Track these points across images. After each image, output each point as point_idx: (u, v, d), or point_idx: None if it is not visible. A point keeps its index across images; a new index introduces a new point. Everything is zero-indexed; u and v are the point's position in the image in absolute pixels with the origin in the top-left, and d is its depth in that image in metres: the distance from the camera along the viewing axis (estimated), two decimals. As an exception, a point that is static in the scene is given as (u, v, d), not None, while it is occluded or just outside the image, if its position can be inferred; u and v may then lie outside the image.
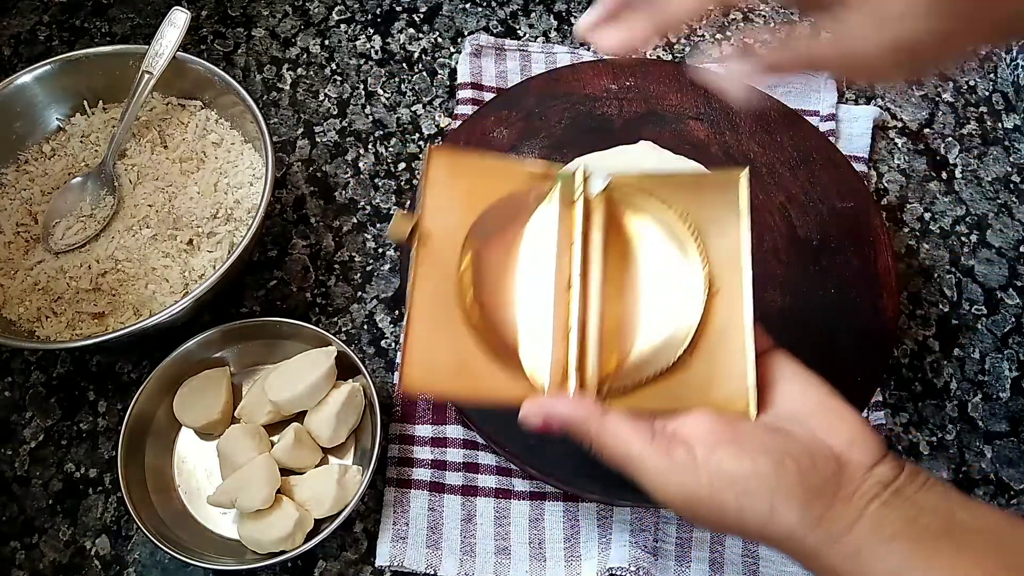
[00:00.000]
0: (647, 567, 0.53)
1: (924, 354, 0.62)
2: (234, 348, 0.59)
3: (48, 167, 0.65)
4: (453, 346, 0.41)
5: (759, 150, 0.64)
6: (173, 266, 0.60)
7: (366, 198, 0.68)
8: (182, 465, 0.57)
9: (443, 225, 0.43)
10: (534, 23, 0.76)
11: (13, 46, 0.75)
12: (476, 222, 0.44)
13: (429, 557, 0.55)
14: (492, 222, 0.44)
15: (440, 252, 0.43)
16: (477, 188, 0.44)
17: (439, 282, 0.42)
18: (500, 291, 0.44)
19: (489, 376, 0.41)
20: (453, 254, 0.43)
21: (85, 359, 0.62)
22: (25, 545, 0.56)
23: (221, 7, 0.77)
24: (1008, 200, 0.68)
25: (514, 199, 0.45)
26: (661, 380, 0.41)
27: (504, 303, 0.43)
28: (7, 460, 0.59)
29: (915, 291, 0.65)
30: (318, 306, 0.64)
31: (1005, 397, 0.61)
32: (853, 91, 0.73)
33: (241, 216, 0.62)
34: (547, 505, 0.56)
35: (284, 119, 0.72)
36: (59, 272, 0.60)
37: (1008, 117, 0.72)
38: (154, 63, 0.63)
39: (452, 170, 0.44)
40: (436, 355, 0.41)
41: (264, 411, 0.56)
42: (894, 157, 0.70)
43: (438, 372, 0.41)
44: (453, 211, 0.44)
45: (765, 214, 0.61)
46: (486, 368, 0.41)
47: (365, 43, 0.75)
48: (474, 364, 0.41)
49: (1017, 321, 0.64)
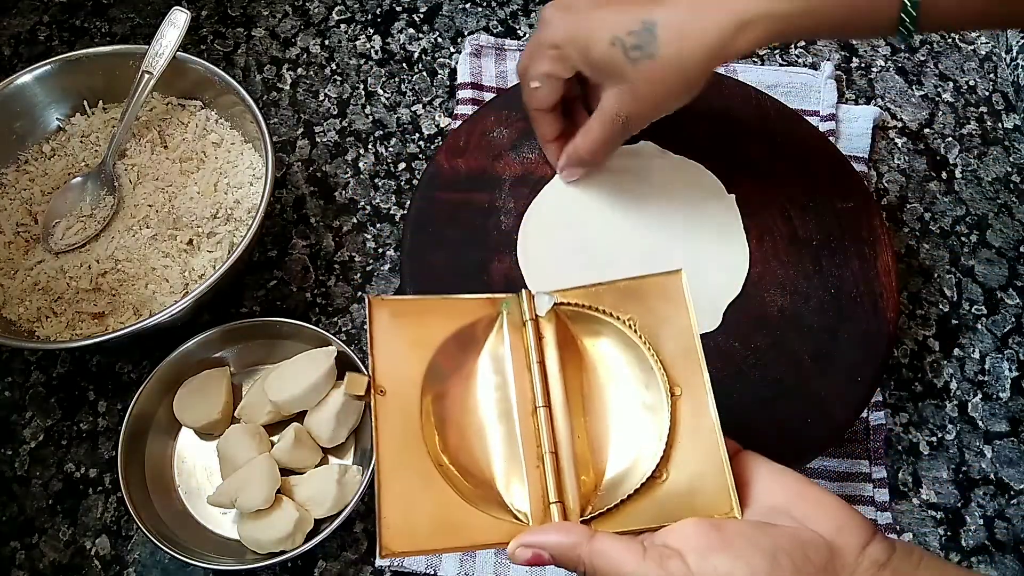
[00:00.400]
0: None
1: (924, 354, 0.62)
2: (234, 348, 0.59)
3: (48, 167, 0.65)
4: (428, 499, 0.40)
5: (759, 150, 0.63)
6: (173, 266, 0.60)
7: (366, 198, 0.68)
8: (182, 465, 0.57)
9: (397, 376, 0.42)
10: (534, 23, 0.76)
11: (13, 46, 0.75)
12: (429, 366, 0.43)
13: (429, 557, 0.55)
14: (445, 363, 0.44)
15: (399, 404, 0.42)
16: (423, 331, 0.44)
17: (403, 435, 0.41)
18: (466, 430, 0.43)
19: (470, 523, 0.40)
20: (413, 403, 0.42)
21: (85, 359, 0.62)
22: (25, 545, 0.56)
23: (221, 7, 0.77)
24: (1008, 200, 0.68)
25: (462, 334, 0.44)
26: (641, 495, 0.41)
27: (472, 442, 0.43)
28: (7, 460, 0.59)
29: (915, 291, 0.65)
30: (318, 306, 0.64)
31: (1005, 397, 0.61)
32: (853, 91, 0.73)
33: (241, 216, 0.62)
34: (547, 505, 0.56)
35: (284, 119, 0.72)
36: (59, 272, 0.60)
37: (1008, 117, 0.72)
38: (154, 63, 0.63)
39: (394, 319, 0.43)
40: (412, 513, 0.39)
41: (264, 411, 0.56)
42: (894, 157, 0.70)
43: (417, 530, 0.39)
44: (404, 359, 0.43)
45: (765, 214, 0.61)
46: (466, 515, 0.40)
47: (365, 43, 0.76)
48: (453, 514, 0.40)
49: (1017, 321, 0.64)
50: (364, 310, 0.63)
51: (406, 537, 0.39)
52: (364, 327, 0.63)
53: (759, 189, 0.62)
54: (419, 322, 0.44)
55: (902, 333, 0.63)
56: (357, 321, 0.63)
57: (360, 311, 0.63)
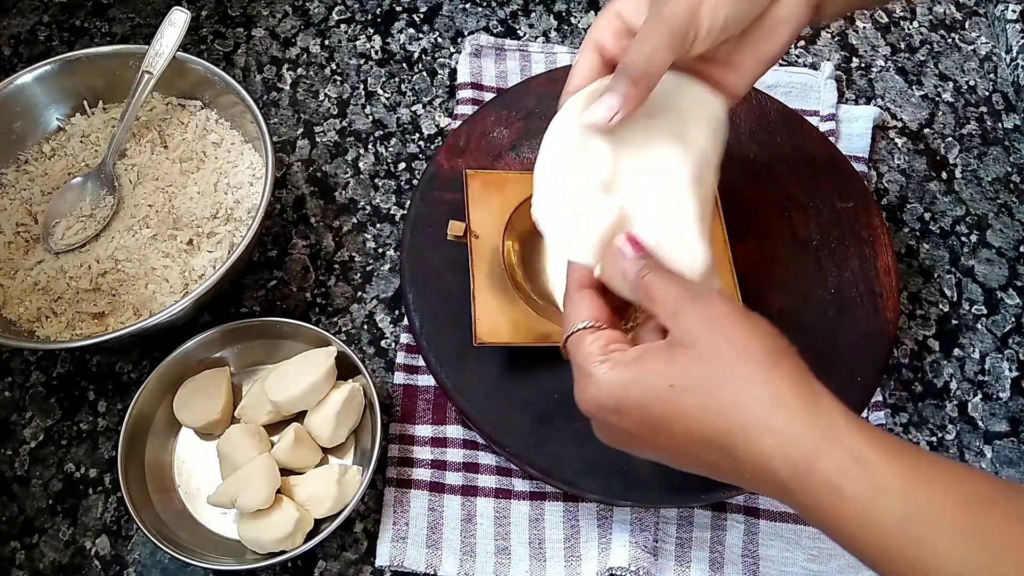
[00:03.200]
0: (647, 567, 0.53)
1: (924, 354, 0.62)
2: (234, 348, 0.59)
3: (48, 167, 0.65)
4: (510, 311, 0.54)
5: (759, 150, 0.64)
6: (173, 266, 0.60)
7: (366, 198, 0.68)
8: (182, 465, 0.57)
9: (486, 225, 0.57)
10: (534, 23, 0.76)
11: (13, 46, 0.75)
12: (509, 220, 0.57)
13: (429, 557, 0.55)
14: (519, 219, 0.57)
15: (488, 245, 0.56)
16: (505, 195, 0.58)
17: (491, 266, 0.55)
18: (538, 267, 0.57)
19: (541, 328, 0.53)
20: (498, 245, 0.56)
21: (85, 359, 0.62)
22: (25, 545, 0.56)
23: (221, 7, 0.77)
24: (1008, 200, 0.68)
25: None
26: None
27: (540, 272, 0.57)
28: (7, 460, 0.59)
29: (915, 291, 0.65)
30: (318, 306, 0.64)
31: (1005, 397, 0.61)
32: (853, 91, 0.73)
33: (241, 216, 0.62)
34: (547, 505, 0.56)
35: (284, 119, 0.72)
36: (59, 272, 0.60)
37: (1008, 117, 0.72)
38: (154, 63, 0.63)
39: (483, 186, 0.58)
40: (498, 319, 0.53)
41: (264, 411, 0.56)
42: (894, 157, 0.70)
43: (501, 329, 0.53)
44: (492, 215, 0.57)
45: (765, 214, 0.61)
46: (538, 323, 0.54)
47: (365, 43, 0.76)
48: (528, 322, 0.54)
49: (1017, 321, 0.64)
50: (362, 309, 0.63)
51: (491, 331, 0.53)
52: (364, 327, 0.63)
53: (759, 189, 0.62)
54: (501, 189, 0.58)
55: (902, 333, 0.63)
56: (357, 321, 0.63)
57: (360, 311, 0.63)
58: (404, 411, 0.59)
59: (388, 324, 0.63)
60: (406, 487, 0.57)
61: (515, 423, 0.53)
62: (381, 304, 0.64)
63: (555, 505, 0.56)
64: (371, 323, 0.63)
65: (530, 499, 0.57)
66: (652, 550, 0.54)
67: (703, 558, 0.55)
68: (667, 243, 0.42)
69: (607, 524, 0.55)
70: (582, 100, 0.44)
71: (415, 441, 0.58)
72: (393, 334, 0.63)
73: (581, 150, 0.43)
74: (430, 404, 0.59)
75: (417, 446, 0.58)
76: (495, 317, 0.53)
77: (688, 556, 0.55)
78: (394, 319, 0.63)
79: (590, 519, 0.55)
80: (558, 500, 0.56)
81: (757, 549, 0.55)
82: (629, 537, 0.54)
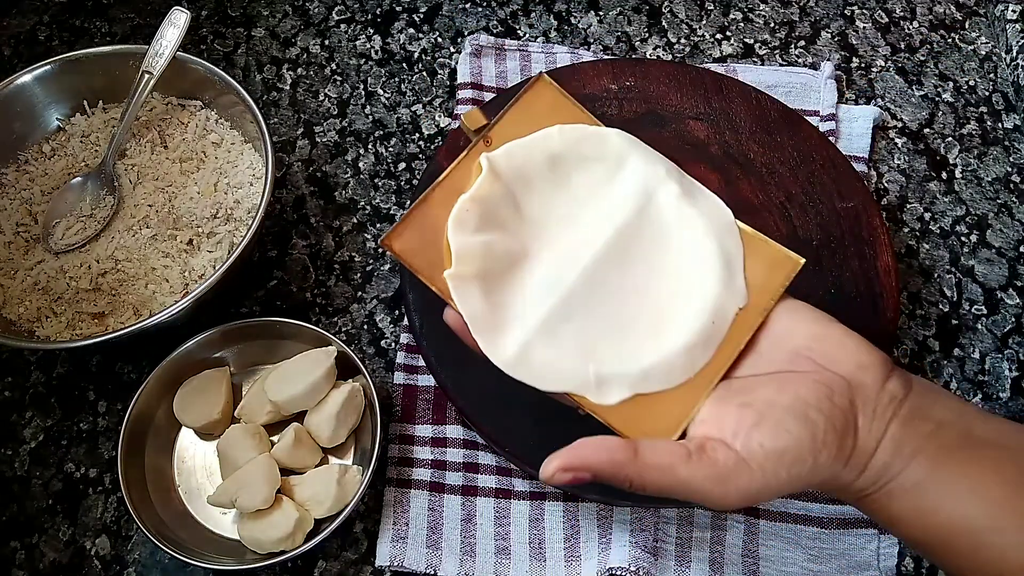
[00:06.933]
0: (647, 567, 0.53)
1: (924, 354, 0.62)
2: (234, 348, 0.59)
3: (48, 167, 0.65)
4: (439, 237, 0.43)
5: (759, 150, 0.64)
6: (173, 266, 0.60)
7: (366, 198, 0.68)
8: (182, 465, 0.57)
9: (508, 137, 0.45)
10: (534, 23, 0.76)
11: (13, 46, 0.75)
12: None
13: (429, 557, 0.55)
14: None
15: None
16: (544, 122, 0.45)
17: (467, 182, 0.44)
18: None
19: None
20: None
21: (85, 359, 0.62)
22: (25, 545, 0.56)
23: (221, 7, 0.77)
24: (1008, 200, 0.68)
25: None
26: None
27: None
28: (7, 460, 0.59)
29: (915, 291, 0.65)
30: (318, 306, 0.64)
31: (1005, 397, 0.61)
32: (853, 91, 0.73)
33: (241, 216, 0.62)
34: (547, 505, 0.56)
35: (284, 119, 0.72)
36: (59, 272, 0.60)
37: (1008, 117, 0.72)
38: (154, 63, 0.63)
39: (552, 103, 0.46)
40: (424, 235, 0.43)
41: (264, 411, 0.56)
42: (894, 157, 0.70)
43: (418, 249, 0.43)
44: (521, 134, 0.45)
45: (765, 214, 0.61)
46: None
47: (365, 43, 0.76)
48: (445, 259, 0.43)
49: (1017, 321, 0.64)
50: (362, 309, 0.63)
51: (406, 246, 0.43)
52: (364, 327, 0.63)
53: (759, 189, 0.62)
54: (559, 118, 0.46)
55: (902, 333, 0.63)
56: (357, 321, 0.63)
57: (360, 311, 0.63)
58: (404, 411, 0.59)
59: (388, 324, 0.63)
60: (406, 487, 0.57)
61: (515, 423, 0.53)
62: (381, 304, 0.64)
63: (555, 505, 0.56)
64: (371, 323, 0.63)
65: (530, 499, 0.57)
66: (652, 550, 0.54)
67: (703, 558, 0.55)
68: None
69: (607, 524, 0.55)
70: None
71: (415, 441, 0.58)
72: (393, 334, 0.63)
73: None
74: (430, 404, 0.59)
75: (417, 446, 0.58)
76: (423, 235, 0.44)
77: (688, 556, 0.55)
78: (394, 319, 0.63)
79: (590, 519, 0.55)
80: (558, 500, 0.56)
81: (757, 549, 0.55)
82: (629, 537, 0.54)
